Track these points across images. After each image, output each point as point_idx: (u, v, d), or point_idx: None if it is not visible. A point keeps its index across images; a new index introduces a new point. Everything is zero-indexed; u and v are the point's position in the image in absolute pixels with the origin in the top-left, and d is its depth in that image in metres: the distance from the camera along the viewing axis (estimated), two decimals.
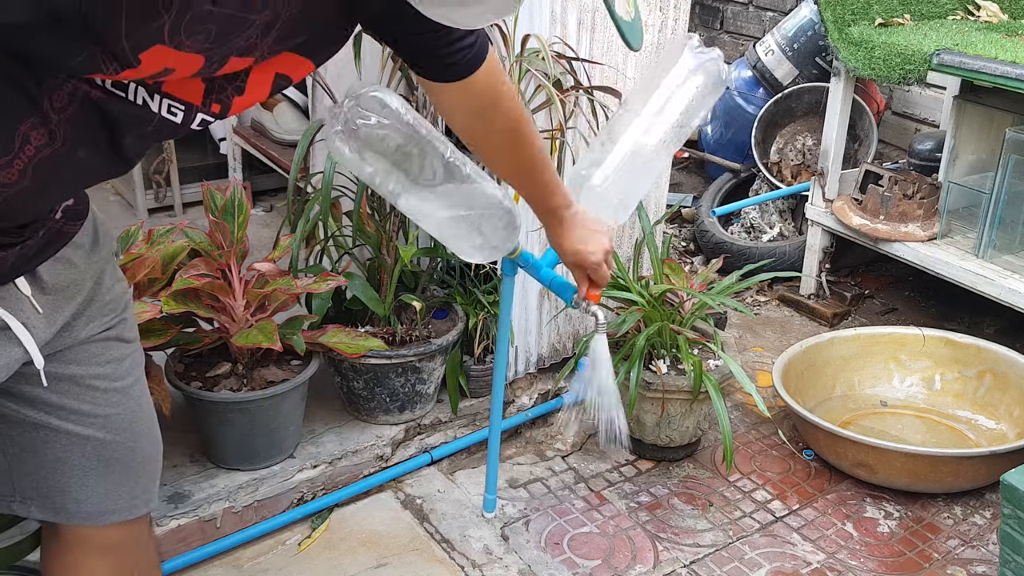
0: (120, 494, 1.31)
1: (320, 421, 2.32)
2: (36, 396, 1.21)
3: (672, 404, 2.28)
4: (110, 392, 1.27)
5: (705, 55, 1.63)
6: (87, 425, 1.25)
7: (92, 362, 1.25)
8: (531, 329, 2.48)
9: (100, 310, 1.25)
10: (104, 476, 1.29)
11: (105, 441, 1.27)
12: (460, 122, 1.41)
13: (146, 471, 1.35)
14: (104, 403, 1.26)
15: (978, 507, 2.28)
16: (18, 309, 1.13)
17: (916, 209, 2.86)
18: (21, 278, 1.13)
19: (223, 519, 2.04)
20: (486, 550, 2.08)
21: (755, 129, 3.48)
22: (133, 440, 1.31)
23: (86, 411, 1.25)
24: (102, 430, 1.27)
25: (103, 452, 1.28)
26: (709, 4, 4.31)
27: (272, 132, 3.31)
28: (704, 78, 1.63)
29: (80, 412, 1.25)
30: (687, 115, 1.64)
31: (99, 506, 1.30)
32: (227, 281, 2.02)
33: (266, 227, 3.38)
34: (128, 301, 1.32)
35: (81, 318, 1.23)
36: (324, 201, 2.10)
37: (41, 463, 1.26)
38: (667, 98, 1.63)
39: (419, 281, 2.40)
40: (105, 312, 1.26)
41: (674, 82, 1.63)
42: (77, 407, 1.24)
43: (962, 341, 2.60)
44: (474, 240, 1.53)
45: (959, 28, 2.86)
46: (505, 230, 1.54)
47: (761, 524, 2.21)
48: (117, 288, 1.29)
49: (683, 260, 3.42)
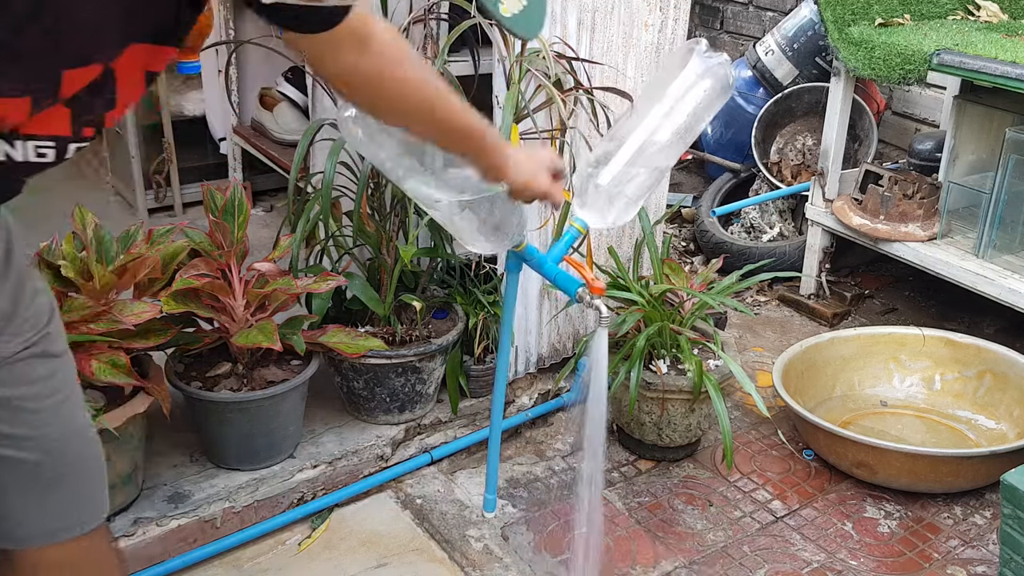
0: (65, 512, 1.26)
1: (320, 421, 2.32)
2: None
3: (672, 404, 2.28)
4: (41, 412, 1.20)
5: (713, 59, 1.64)
6: (20, 448, 1.19)
7: (17, 381, 1.17)
8: (531, 329, 2.48)
9: (20, 326, 1.17)
10: (45, 496, 1.23)
11: (41, 462, 1.21)
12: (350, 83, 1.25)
13: (89, 484, 1.29)
14: (36, 424, 1.20)
15: (978, 507, 2.28)
16: None
17: (916, 209, 2.86)
18: None
19: (223, 519, 2.04)
20: (486, 550, 2.08)
21: (755, 129, 3.48)
22: (72, 455, 1.26)
23: (16, 434, 1.18)
24: (36, 451, 1.20)
25: (40, 473, 1.22)
26: (709, 4, 4.31)
27: (272, 132, 3.31)
28: (712, 82, 1.64)
29: (10, 436, 1.18)
30: (694, 118, 1.65)
31: (44, 527, 1.25)
32: (227, 281, 2.02)
33: (266, 227, 3.38)
34: (52, 312, 1.23)
35: (2, 336, 1.14)
36: (324, 201, 2.10)
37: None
38: (675, 101, 1.64)
39: (419, 281, 2.40)
40: (25, 328, 1.17)
41: (683, 85, 1.64)
42: (6, 431, 1.17)
43: (962, 341, 2.60)
44: (482, 228, 1.54)
45: (959, 28, 2.86)
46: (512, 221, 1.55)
47: (761, 524, 2.21)
48: (38, 301, 1.20)
49: (683, 260, 3.42)
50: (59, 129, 0.94)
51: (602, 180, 1.65)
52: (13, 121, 0.89)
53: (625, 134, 1.66)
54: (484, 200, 1.50)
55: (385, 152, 1.40)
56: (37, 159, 0.94)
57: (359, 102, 1.30)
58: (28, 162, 0.94)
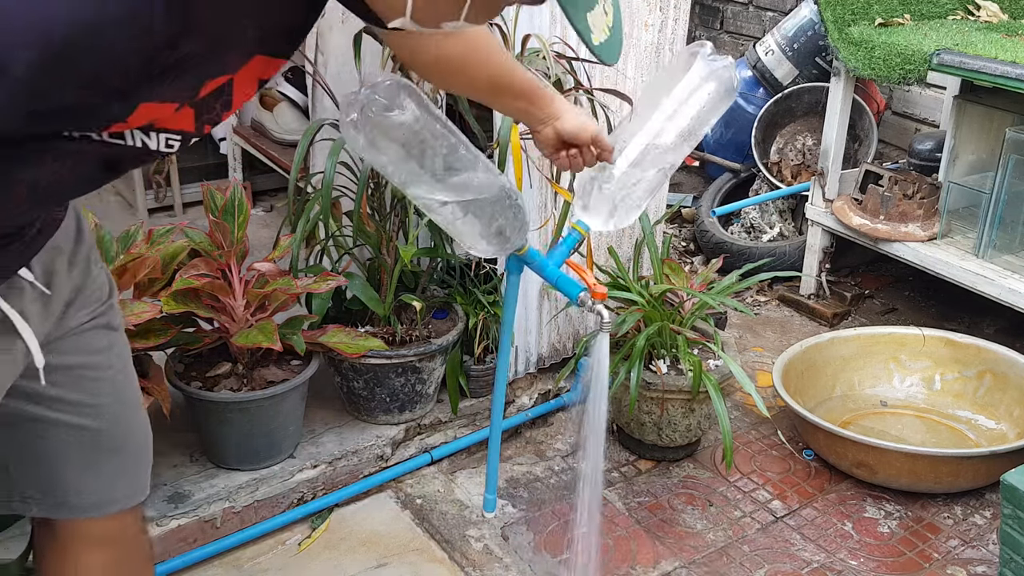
0: (118, 483, 1.33)
1: (320, 421, 2.32)
2: (32, 390, 1.22)
3: (672, 404, 2.28)
4: (100, 381, 1.28)
5: (717, 63, 1.64)
6: (82, 415, 1.27)
7: (82, 351, 1.26)
8: (531, 329, 2.48)
9: (88, 298, 1.26)
10: (102, 466, 1.30)
11: (100, 430, 1.29)
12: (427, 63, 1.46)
13: (141, 459, 1.37)
14: (96, 392, 1.27)
15: (978, 507, 2.28)
16: (21, 305, 1.14)
17: (916, 209, 2.86)
18: (24, 269, 1.14)
19: (223, 519, 2.04)
20: (486, 550, 2.08)
21: (755, 129, 3.48)
22: (126, 428, 1.33)
23: (80, 401, 1.26)
24: (96, 419, 1.28)
25: (99, 442, 1.29)
26: (709, 4, 4.31)
27: (272, 132, 3.31)
28: (716, 85, 1.64)
29: (74, 403, 1.26)
30: (698, 121, 1.65)
31: (99, 497, 1.31)
32: (227, 281, 2.02)
33: (266, 227, 3.38)
34: (113, 289, 1.33)
35: (72, 306, 1.24)
36: (325, 201, 2.10)
37: (40, 459, 1.27)
38: (679, 104, 1.64)
39: (419, 281, 2.40)
40: (92, 300, 1.27)
41: (687, 89, 1.64)
42: (71, 397, 1.25)
43: (962, 341, 2.60)
44: (484, 233, 1.53)
45: (959, 28, 2.86)
46: (515, 225, 1.55)
47: (761, 524, 2.21)
48: (102, 276, 1.30)
49: (683, 260, 3.43)
50: (186, 125, 1.05)
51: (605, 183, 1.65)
52: (160, 120, 1.00)
53: (628, 137, 1.66)
54: (486, 204, 1.50)
55: (387, 156, 1.40)
56: (166, 149, 1.05)
57: (432, 81, 1.51)
58: (157, 151, 1.05)
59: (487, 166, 1.49)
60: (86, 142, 0.98)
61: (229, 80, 1.05)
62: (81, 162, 1.01)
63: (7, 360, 1.14)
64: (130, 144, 1.02)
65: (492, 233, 1.54)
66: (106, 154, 1.02)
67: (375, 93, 1.33)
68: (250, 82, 1.09)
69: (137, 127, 1.00)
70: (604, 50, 1.05)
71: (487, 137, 2.29)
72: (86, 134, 0.97)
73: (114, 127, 0.97)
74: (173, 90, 0.95)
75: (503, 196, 1.51)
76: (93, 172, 1.05)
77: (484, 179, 1.49)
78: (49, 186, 1.01)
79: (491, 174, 1.49)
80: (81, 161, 1.00)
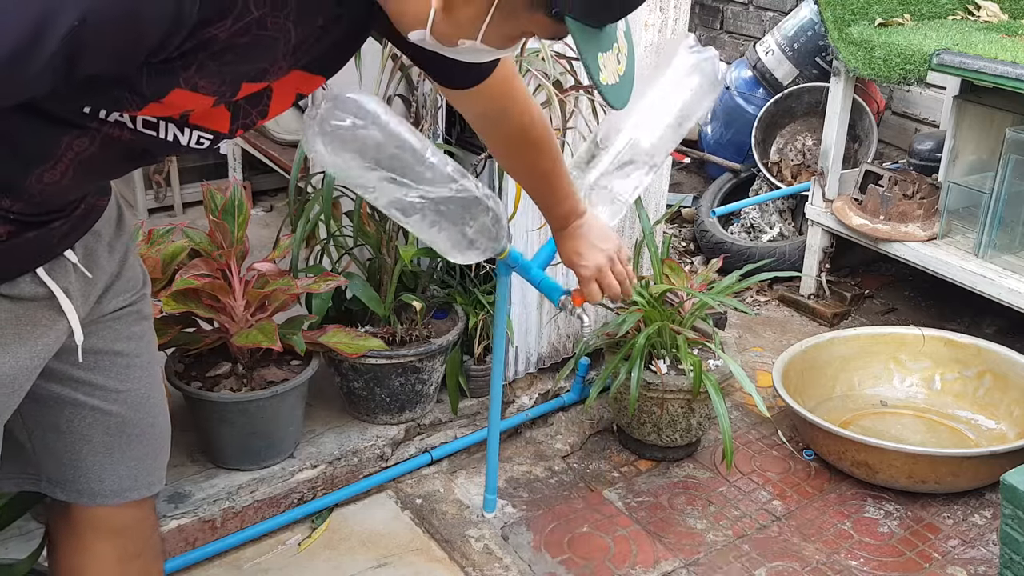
0: (139, 471, 1.34)
1: (320, 421, 2.32)
2: (63, 371, 1.24)
3: (672, 404, 2.28)
4: (131, 368, 1.30)
5: (701, 54, 1.63)
6: (110, 400, 1.28)
7: (116, 336, 1.28)
8: (531, 329, 2.48)
9: (124, 285, 1.29)
10: (125, 453, 1.32)
11: (126, 417, 1.31)
12: (473, 121, 1.47)
13: (162, 448, 1.39)
14: (125, 378, 1.30)
15: (978, 507, 2.28)
16: (65, 283, 1.17)
17: (916, 209, 2.86)
18: (68, 250, 1.17)
19: (223, 519, 2.04)
20: (486, 550, 2.08)
21: (755, 129, 3.48)
22: (151, 416, 1.35)
23: (109, 386, 1.28)
24: (124, 405, 1.30)
25: (125, 428, 1.31)
26: (709, 4, 4.31)
27: (272, 132, 3.31)
28: (700, 78, 1.63)
29: (104, 387, 1.28)
30: (683, 114, 1.64)
31: (120, 484, 1.33)
32: (227, 281, 2.02)
33: (266, 227, 3.38)
34: (146, 279, 1.36)
35: (109, 291, 1.26)
36: (325, 201, 2.10)
37: (66, 443, 1.29)
38: (662, 97, 1.63)
39: (419, 281, 2.40)
40: (128, 287, 1.30)
41: (670, 81, 1.63)
42: (101, 382, 1.27)
43: (962, 341, 2.60)
44: (458, 241, 1.51)
45: (959, 28, 2.86)
46: (490, 230, 1.51)
47: (761, 524, 2.21)
48: (138, 264, 1.34)
49: (683, 260, 3.42)
50: (220, 126, 1.09)
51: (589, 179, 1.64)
52: (193, 112, 1.04)
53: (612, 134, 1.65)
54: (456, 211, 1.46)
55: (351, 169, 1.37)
56: (196, 146, 1.09)
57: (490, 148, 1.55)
58: (188, 146, 1.09)
59: (458, 171, 1.46)
60: (120, 128, 1.02)
61: (268, 88, 1.08)
62: (114, 146, 1.04)
63: (50, 335, 1.16)
64: (162, 137, 1.06)
65: (466, 241, 1.51)
66: (138, 142, 1.05)
67: (334, 106, 1.31)
68: (288, 94, 1.12)
69: (172, 118, 1.03)
70: (612, 93, 1.08)
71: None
72: (120, 120, 1.01)
73: (148, 109, 0.99)
74: (206, 81, 0.97)
75: (474, 203, 1.48)
76: (126, 155, 1.08)
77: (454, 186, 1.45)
78: (86, 163, 1.04)
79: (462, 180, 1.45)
80: (114, 145, 1.04)
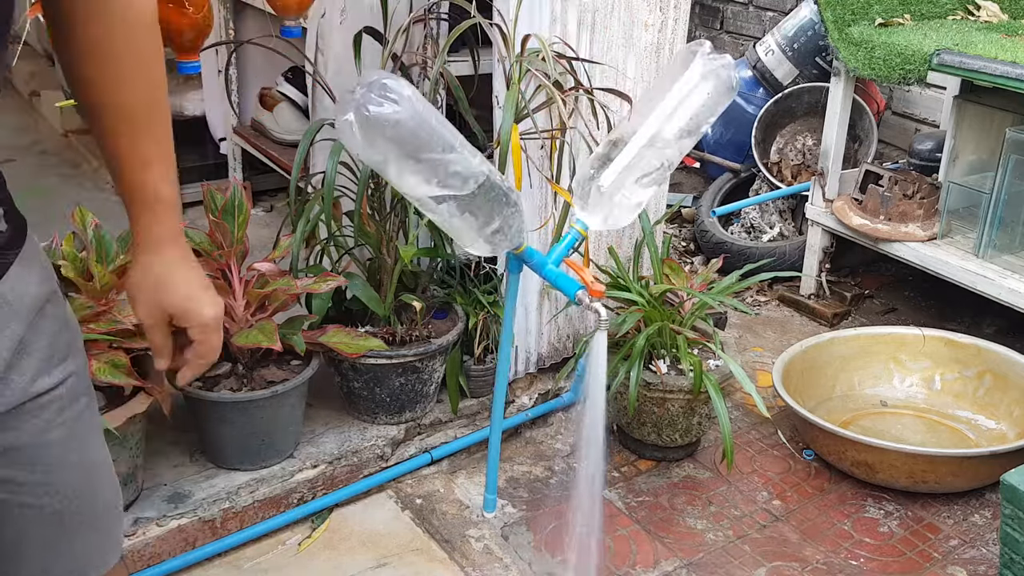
0: (89, 552, 1.16)
1: (320, 421, 2.32)
2: None
3: (672, 404, 2.28)
4: (68, 453, 1.08)
5: (716, 62, 1.64)
6: (42, 495, 1.07)
7: (45, 426, 1.04)
8: (531, 329, 2.48)
9: (49, 360, 1.03)
10: (71, 540, 1.14)
11: (64, 507, 1.10)
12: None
13: (113, 519, 1.20)
14: (60, 466, 1.07)
15: (978, 507, 2.28)
16: None
17: (916, 209, 2.86)
18: None
19: (223, 519, 2.04)
20: (486, 550, 2.08)
21: (755, 129, 3.48)
22: (93, 495, 1.14)
23: (40, 481, 1.06)
24: (58, 496, 1.08)
25: (64, 518, 1.11)
26: (709, 4, 4.31)
27: (272, 132, 3.31)
28: (715, 84, 1.64)
29: (34, 483, 1.06)
30: (696, 120, 1.65)
31: (70, 571, 1.15)
32: (227, 281, 2.02)
33: (266, 227, 3.38)
34: (81, 346, 1.13)
35: (13, 371, 0.99)
36: (326, 201, 2.10)
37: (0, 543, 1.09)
38: (678, 103, 1.64)
39: (419, 281, 2.40)
40: (58, 360, 1.04)
41: (685, 87, 1.65)
42: (28, 479, 1.05)
43: (962, 341, 2.60)
44: (482, 232, 1.53)
45: (959, 28, 2.86)
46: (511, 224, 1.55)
47: (761, 524, 2.21)
48: (72, 326, 1.10)
49: (683, 260, 3.43)
50: None
51: (604, 182, 1.65)
52: None
53: (627, 136, 1.66)
54: (483, 202, 1.50)
55: (384, 155, 1.40)
56: None
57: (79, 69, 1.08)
58: None
59: (485, 163, 1.49)
60: None
61: None
62: None
63: None
64: None
65: (489, 232, 1.54)
66: None
67: (371, 91, 1.34)
68: None
69: None
70: None
71: (487, 137, 2.29)
72: None
73: None
74: None
75: (500, 195, 1.51)
76: None
77: (481, 178, 1.49)
78: None
79: (489, 173, 1.49)
80: None
